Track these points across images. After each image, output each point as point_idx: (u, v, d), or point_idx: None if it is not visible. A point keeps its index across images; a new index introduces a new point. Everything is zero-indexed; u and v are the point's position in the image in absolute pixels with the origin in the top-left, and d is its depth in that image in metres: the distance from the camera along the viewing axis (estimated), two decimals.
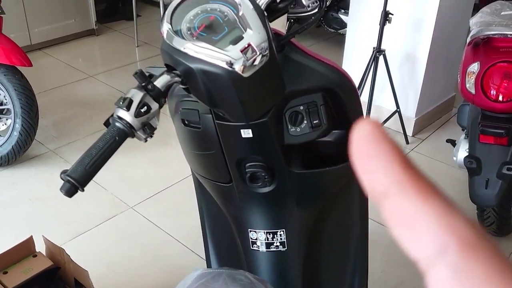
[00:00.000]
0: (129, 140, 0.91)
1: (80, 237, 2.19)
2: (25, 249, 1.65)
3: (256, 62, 0.90)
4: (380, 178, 0.25)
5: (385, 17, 2.65)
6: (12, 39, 2.48)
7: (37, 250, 1.68)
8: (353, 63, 3.11)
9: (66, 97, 3.36)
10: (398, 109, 2.88)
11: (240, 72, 0.89)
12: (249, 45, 0.89)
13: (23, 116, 2.45)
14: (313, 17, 1.05)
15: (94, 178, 0.88)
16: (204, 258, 1.41)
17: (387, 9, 2.63)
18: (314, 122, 1.03)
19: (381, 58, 2.75)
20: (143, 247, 2.16)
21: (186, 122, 1.08)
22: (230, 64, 0.88)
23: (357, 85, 2.78)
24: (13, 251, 1.62)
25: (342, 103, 1.06)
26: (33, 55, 3.72)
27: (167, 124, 1.28)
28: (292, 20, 4.04)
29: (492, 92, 1.82)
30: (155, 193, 2.48)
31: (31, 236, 1.67)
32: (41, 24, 3.91)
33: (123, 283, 2.01)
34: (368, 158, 0.25)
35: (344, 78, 1.07)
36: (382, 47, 2.73)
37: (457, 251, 0.22)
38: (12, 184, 2.51)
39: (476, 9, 2.53)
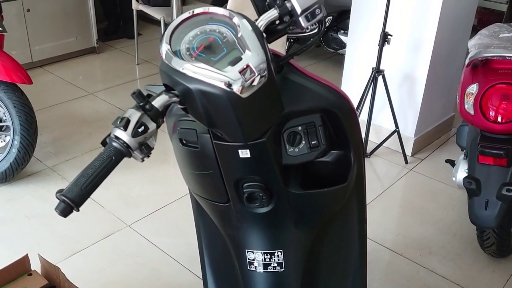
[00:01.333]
0: (126, 158, 0.91)
1: (76, 256, 2.17)
2: (21, 268, 1.63)
3: (255, 83, 0.90)
4: None
5: (384, 38, 2.67)
6: (13, 56, 2.50)
7: (32, 269, 1.67)
8: (352, 83, 3.12)
9: (66, 114, 3.36)
10: (397, 129, 2.89)
11: (238, 93, 0.89)
12: (247, 66, 0.89)
13: (22, 133, 2.45)
14: (312, 39, 1.06)
15: (91, 196, 0.88)
16: (201, 277, 1.39)
17: (386, 30, 2.66)
18: (312, 142, 1.03)
19: (380, 78, 2.77)
20: (140, 266, 2.14)
21: (184, 142, 1.07)
22: (229, 85, 0.88)
23: (356, 104, 2.79)
24: (8, 269, 1.60)
25: (340, 124, 1.06)
26: (33, 72, 3.74)
27: (165, 142, 1.28)
28: (291, 40, 4.08)
29: (491, 113, 1.82)
30: (152, 211, 2.47)
31: (27, 255, 1.65)
32: (42, 41, 3.94)
33: None
34: None
35: (343, 99, 1.07)
36: (381, 67, 2.75)
37: None
38: (9, 201, 2.50)
39: (474, 30, 2.55)
